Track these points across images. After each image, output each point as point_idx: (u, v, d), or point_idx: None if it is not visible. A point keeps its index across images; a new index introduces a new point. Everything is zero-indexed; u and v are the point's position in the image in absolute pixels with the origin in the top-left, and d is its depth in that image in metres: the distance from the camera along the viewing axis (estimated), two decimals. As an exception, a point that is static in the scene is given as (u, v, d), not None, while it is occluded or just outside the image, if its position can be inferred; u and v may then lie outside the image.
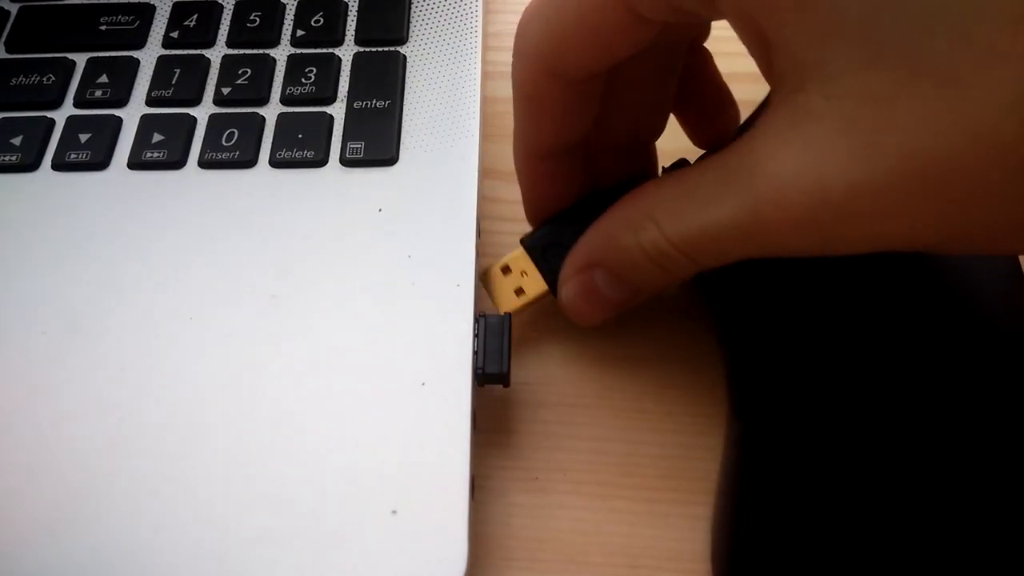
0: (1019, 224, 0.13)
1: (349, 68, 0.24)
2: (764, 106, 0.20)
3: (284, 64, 0.24)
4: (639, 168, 0.21)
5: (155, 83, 0.24)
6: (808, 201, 0.14)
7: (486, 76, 0.24)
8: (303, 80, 0.24)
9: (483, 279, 0.21)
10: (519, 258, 0.21)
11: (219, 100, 0.24)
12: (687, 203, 0.17)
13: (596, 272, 0.19)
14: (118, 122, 0.23)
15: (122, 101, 0.24)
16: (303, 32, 0.25)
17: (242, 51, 0.24)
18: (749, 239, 0.16)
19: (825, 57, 0.13)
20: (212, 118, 0.23)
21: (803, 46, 0.14)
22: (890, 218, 0.14)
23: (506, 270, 0.21)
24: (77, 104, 0.24)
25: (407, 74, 0.24)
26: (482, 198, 0.22)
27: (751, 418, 0.19)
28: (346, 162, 0.22)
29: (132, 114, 0.23)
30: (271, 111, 0.23)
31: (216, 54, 0.24)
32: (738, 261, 0.17)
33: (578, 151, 0.20)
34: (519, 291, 0.21)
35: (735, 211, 0.15)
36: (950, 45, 0.12)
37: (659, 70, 0.20)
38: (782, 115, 0.14)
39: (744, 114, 0.23)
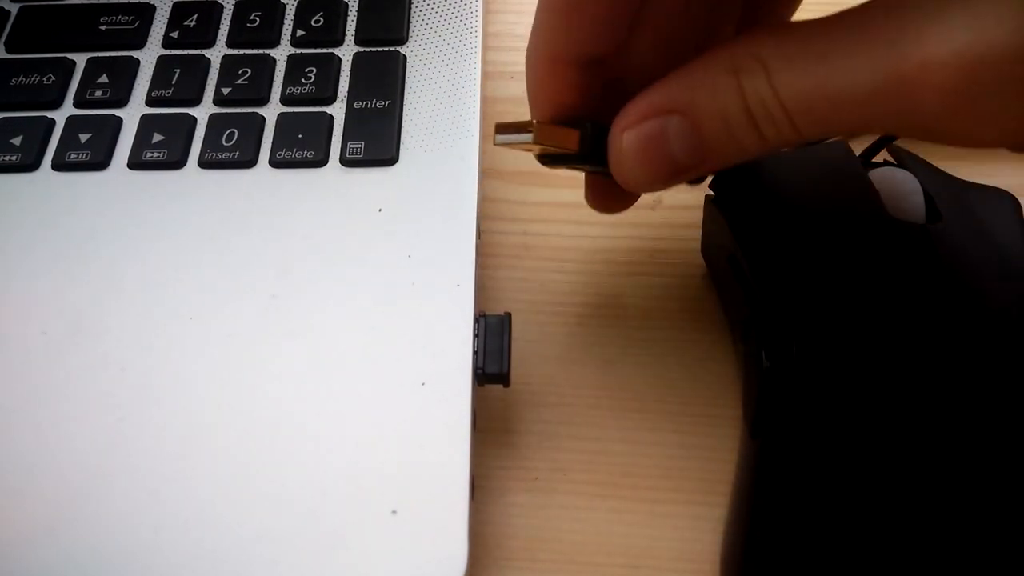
0: None
1: (349, 68, 0.24)
2: None
3: (284, 64, 0.24)
4: None
5: (155, 83, 0.24)
6: (965, 66, 0.13)
7: (486, 76, 0.24)
8: (303, 80, 0.24)
9: (498, 128, 0.18)
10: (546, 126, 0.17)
11: (219, 100, 0.24)
12: (809, 54, 0.14)
13: (672, 120, 0.16)
14: (118, 122, 0.23)
15: (122, 101, 0.24)
16: (303, 32, 0.25)
17: (242, 51, 0.25)
18: (881, 106, 0.14)
19: None
20: (212, 118, 0.23)
21: None
22: None
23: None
24: (77, 104, 0.24)
25: (407, 74, 0.24)
26: (482, 198, 0.22)
27: (767, 436, 0.19)
28: (346, 162, 0.22)
29: (132, 114, 0.23)
30: (271, 111, 0.23)
31: (216, 54, 0.24)
32: (847, 135, 0.15)
33: (597, 67, 0.18)
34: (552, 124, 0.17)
35: (872, 71, 0.14)
36: None
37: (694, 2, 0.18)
38: None
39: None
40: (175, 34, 0.25)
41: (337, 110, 0.23)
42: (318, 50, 0.24)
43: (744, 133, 0.15)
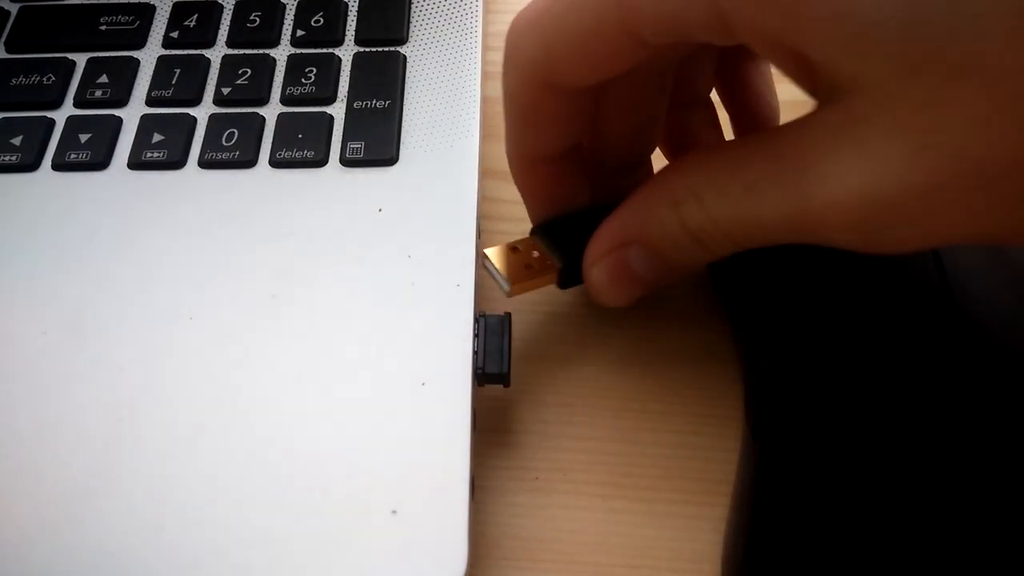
0: None
1: (349, 68, 0.24)
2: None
3: (284, 64, 0.24)
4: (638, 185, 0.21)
5: (155, 83, 0.24)
6: (860, 203, 0.14)
7: (486, 76, 0.24)
8: (303, 80, 0.24)
9: (485, 258, 0.20)
10: (528, 242, 0.20)
11: (219, 100, 0.24)
12: (733, 183, 0.16)
13: (631, 250, 0.18)
14: (118, 122, 0.23)
15: (122, 101, 0.24)
16: (303, 32, 0.25)
17: (242, 51, 0.25)
18: (795, 232, 0.15)
19: (868, 68, 0.13)
20: (212, 118, 0.23)
21: (843, 60, 0.14)
22: (943, 216, 0.14)
23: (514, 249, 0.20)
24: (77, 104, 0.24)
25: (407, 74, 0.24)
26: (482, 198, 0.22)
27: (768, 438, 0.19)
28: (346, 162, 0.22)
29: (132, 114, 0.23)
30: (271, 111, 0.23)
31: (216, 54, 0.24)
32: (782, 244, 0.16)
33: (572, 154, 0.20)
34: (528, 267, 0.20)
35: (784, 205, 0.15)
36: (999, 44, 0.12)
37: (651, 84, 0.19)
38: (832, 119, 0.14)
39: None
40: (175, 34, 0.25)
41: (337, 110, 0.23)
42: (318, 50, 0.24)
43: (694, 251, 0.17)
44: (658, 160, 0.21)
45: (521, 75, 0.18)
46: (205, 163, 0.22)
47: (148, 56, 0.25)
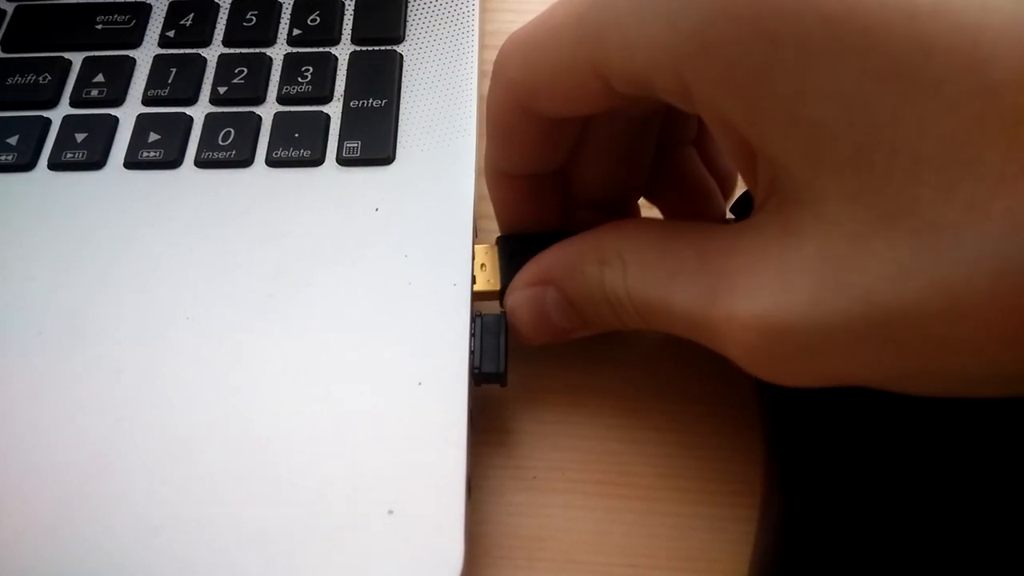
0: (982, 377, 0.13)
1: (346, 67, 0.24)
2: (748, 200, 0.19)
3: (280, 63, 0.24)
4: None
5: (151, 82, 0.24)
6: (758, 326, 0.14)
7: (483, 75, 0.24)
8: (299, 79, 0.24)
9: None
10: (487, 251, 0.21)
11: (215, 99, 0.23)
12: (658, 264, 0.16)
13: (549, 290, 0.19)
14: (114, 121, 0.23)
15: (118, 100, 0.24)
16: (299, 31, 0.25)
17: (238, 50, 0.24)
18: (696, 333, 0.16)
19: (816, 178, 0.13)
20: (208, 117, 0.23)
21: (794, 164, 0.13)
22: (844, 359, 0.13)
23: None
24: (73, 103, 0.24)
25: (404, 73, 0.24)
26: (479, 197, 0.22)
27: (794, 493, 0.18)
28: (343, 161, 0.22)
29: (128, 113, 0.23)
30: (267, 110, 0.23)
31: (212, 53, 0.24)
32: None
33: (547, 178, 0.20)
34: (472, 280, 0.20)
35: (693, 304, 0.15)
36: (934, 194, 0.12)
37: (635, 126, 0.19)
38: (774, 226, 0.14)
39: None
40: (171, 33, 0.25)
41: (333, 109, 0.23)
42: (314, 49, 0.24)
43: (606, 314, 0.17)
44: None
45: (503, 94, 0.18)
46: (201, 162, 0.22)
47: (144, 55, 0.25)
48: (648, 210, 0.22)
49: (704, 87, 0.14)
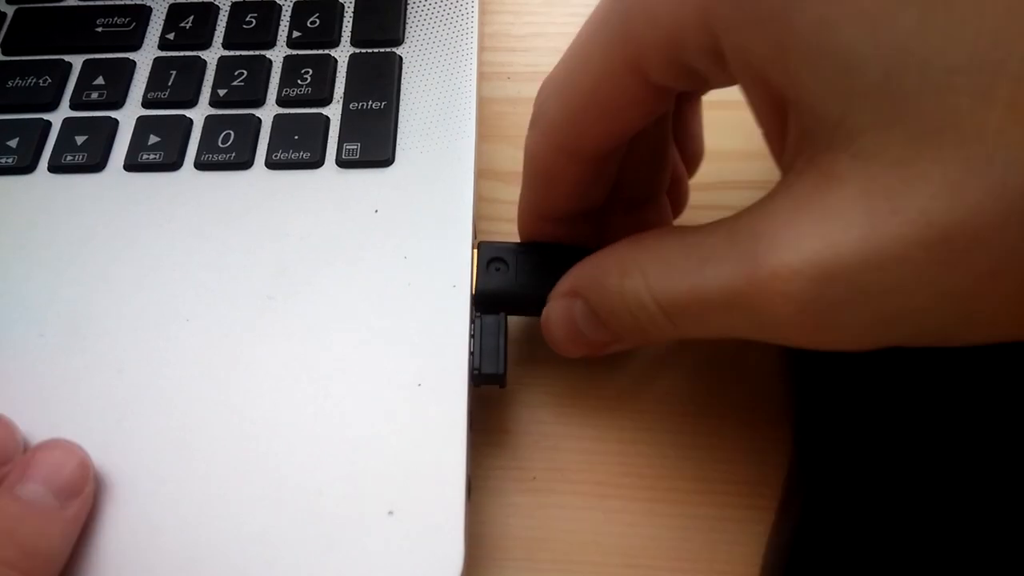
0: None
1: (345, 69, 0.24)
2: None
3: (280, 65, 0.24)
4: (651, 221, 0.21)
5: (151, 85, 0.24)
6: (813, 273, 0.13)
7: (482, 77, 0.24)
8: (299, 81, 0.24)
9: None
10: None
11: (215, 102, 0.24)
12: (683, 260, 0.16)
13: (577, 302, 0.18)
14: (114, 124, 0.23)
15: (118, 103, 0.24)
16: (299, 33, 0.25)
17: (238, 53, 0.25)
18: (736, 311, 0.14)
19: (848, 113, 0.13)
20: (208, 120, 0.23)
21: (824, 101, 0.13)
22: (903, 296, 0.13)
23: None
24: (73, 106, 0.24)
25: (403, 75, 0.24)
26: (478, 199, 0.22)
27: (821, 493, 0.18)
28: (342, 163, 0.22)
29: (128, 116, 0.23)
30: (267, 112, 0.23)
31: (212, 56, 0.24)
32: (721, 337, 0.16)
33: (589, 215, 0.20)
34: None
35: (730, 276, 0.14)
36: (972, 101, 0.11)
37: (659, 131, 0.19)
38: (808, 178, 0.13)
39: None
40: (171, 36, 0.25)
41: (333, 111, 0.23)
42: (314, 51, 0.24)
43: (631, 326, 0.17)
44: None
45: (544, 140, 0.18)
46: (201, 165, 0.22)
47: (144, 58, 0.25)
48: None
49: (731, 32, 0.14)
